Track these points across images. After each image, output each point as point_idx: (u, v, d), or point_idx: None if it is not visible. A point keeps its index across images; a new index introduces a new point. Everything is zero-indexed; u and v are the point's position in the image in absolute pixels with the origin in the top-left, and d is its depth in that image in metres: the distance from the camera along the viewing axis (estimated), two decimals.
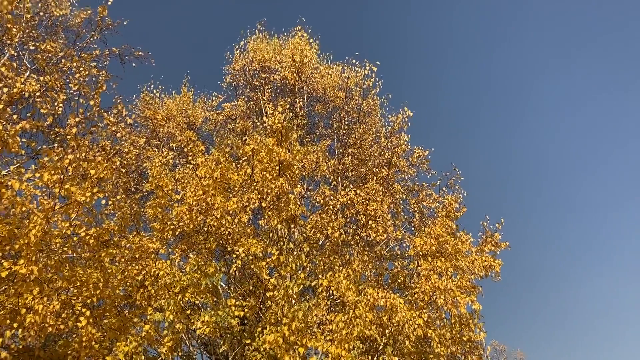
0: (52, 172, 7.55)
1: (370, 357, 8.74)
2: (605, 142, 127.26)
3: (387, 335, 9.41)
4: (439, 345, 9.48)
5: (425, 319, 9.51)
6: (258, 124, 13.65)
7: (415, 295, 9.95)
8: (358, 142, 14.47)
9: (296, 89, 14.71)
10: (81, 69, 9.88)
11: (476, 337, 10.18)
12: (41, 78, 9.23)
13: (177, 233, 10.00)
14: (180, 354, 10.38)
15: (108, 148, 8.91)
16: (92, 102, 9.07)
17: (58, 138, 9.84)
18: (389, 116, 13.97)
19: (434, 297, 9.73)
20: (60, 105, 9.59)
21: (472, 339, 10.17)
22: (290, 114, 12.85)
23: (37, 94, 9.11)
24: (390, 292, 9.66)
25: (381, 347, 9.02)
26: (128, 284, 8.91)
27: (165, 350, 8.33)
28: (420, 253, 10.67)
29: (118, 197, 11.66)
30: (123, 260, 9.13)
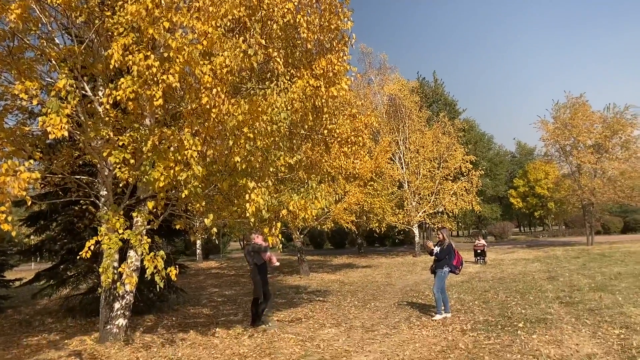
0: None
1: (237, 36, 8.72)
2: None
3: (257, 18, 9.33)
4: (306, 31, 9.65)
5: (296, 4, 9.45)
6: None
7: None
8: None
9: None
10: None
11: (344, 26, 10.46)
12: None
13: None
14: (37, 32, 9.68)
15: None
16: None
17: None
18: None
19: None
20: None
21: (339, 28, 10.44)
22: None
23: None
24: None
25: (251, 31, 8.98)
26: None
27: (14, 18, 7.64)
28: None
29: None
30: None
